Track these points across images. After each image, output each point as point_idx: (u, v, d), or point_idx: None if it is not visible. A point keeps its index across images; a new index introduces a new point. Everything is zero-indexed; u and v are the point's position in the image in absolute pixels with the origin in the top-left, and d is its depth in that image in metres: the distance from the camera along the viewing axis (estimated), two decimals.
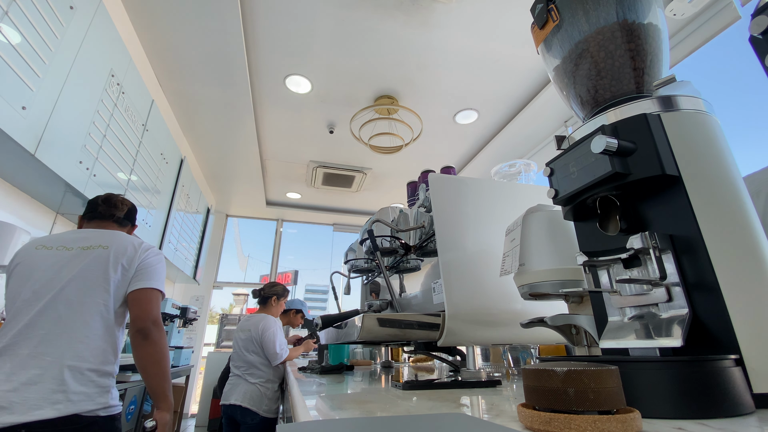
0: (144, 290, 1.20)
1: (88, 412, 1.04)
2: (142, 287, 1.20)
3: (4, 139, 1.39)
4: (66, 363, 1.04)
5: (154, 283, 1.23)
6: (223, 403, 2.26)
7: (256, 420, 2.18)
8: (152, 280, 1.23)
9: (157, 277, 1.26)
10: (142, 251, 1.26)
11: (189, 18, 2.28)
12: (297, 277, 6.70)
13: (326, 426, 0.48)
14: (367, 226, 1.45)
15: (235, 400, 2.20)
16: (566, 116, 3.11)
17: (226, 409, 2.24)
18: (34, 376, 1.01)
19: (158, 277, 1.26)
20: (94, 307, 1.13)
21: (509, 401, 0.72)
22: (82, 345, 1.09)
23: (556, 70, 0.87)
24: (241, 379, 2.27)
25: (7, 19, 1.34)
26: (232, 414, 2.21)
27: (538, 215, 0.90)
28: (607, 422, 0.39)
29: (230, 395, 2.24)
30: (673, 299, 0.59)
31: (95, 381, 1.08)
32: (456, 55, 2.61)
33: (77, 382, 1.05)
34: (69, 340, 1.07)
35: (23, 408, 0.97)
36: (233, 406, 2.19)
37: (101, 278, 1.16)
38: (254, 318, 2.42)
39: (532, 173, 1.51)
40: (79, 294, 1.12)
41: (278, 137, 3.66)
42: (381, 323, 0.97)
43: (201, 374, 5.03)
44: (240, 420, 2.20)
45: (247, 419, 2.17)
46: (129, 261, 1.22)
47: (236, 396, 2.21)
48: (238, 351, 2.35)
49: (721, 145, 0.64)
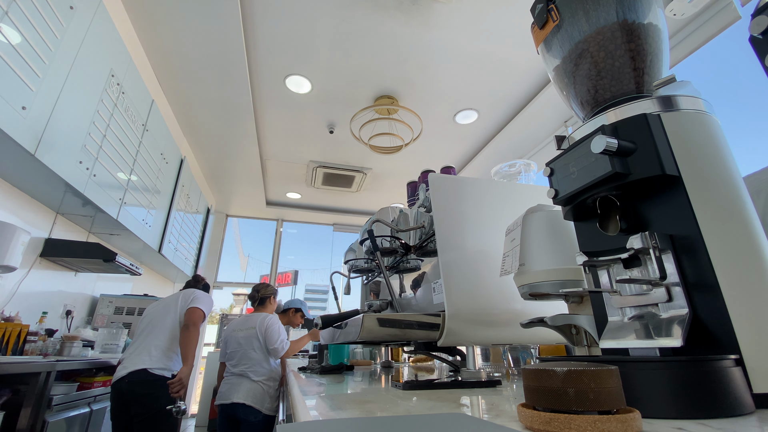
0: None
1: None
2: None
3: (4, 139, 1.39)
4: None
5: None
6: (222, 403, 2.24)
7: (259, 418, 2.18)
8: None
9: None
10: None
11: (189, 18, 2.28)
12: (297, 277, 6.69)
13: (326, 426, 0.48)
14: (367, 226, 1.45)
15: (237, 398, 2.19)
16: (566, 116, 3.11)
17: (225, 409, 2.23)
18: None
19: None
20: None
21: (509, 401, 0.72)
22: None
23: (556, 70, 0.87)
24: (243, 378, 2.26)
25: (7, 19, 1.34)
26: (233, 413, 2.20)
27: (538, 215, 0.90)
28: (607, 422, 0.39)
29: (230, 394, 2.22)
30: (673, 299, 0.59)
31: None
32: (456, 55, 2.61)
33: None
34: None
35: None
36: (235, 405, 2.18)
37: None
38: (255, 316, 2.43)
39: (532, 173, 1.51)
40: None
41: (278, 137, 3.66)
42: (381, 323, 0.97)
43: (201, 374, 5.03)
44: (242, 418, 2.19)
45: (250, 417, 2.17)
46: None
47: (239, 394, 2.20)
48: (239, 349, 2.34)
49: (721, 145, 0.64)
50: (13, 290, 1.93)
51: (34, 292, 2.09)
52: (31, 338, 1.86)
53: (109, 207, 2.12)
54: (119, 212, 2.23)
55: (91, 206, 2.03)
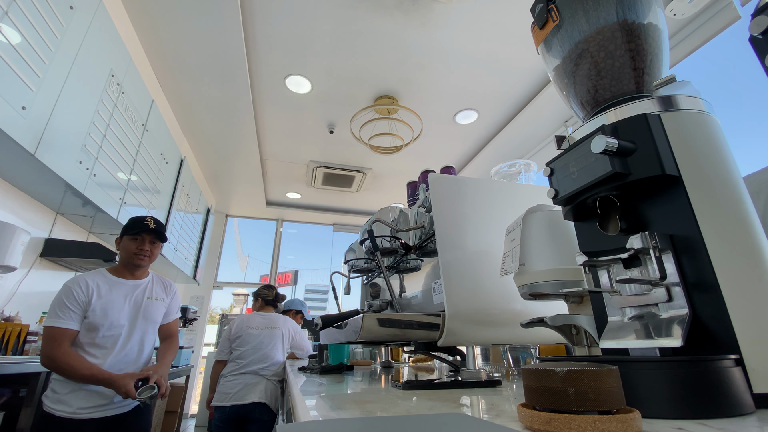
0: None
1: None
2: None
3: (4, 139, 1.38)
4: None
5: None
6: (236, 404, 2.13)
7: (272, 417, 2.18)
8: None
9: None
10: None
11: (189, 18, 2.28)
12: (297, 277, 6.69)
13: (326, 426, 0.48)
14: (367, 226, 1.45)
15: (254, 398, 2.14)
16: (566, 116, 3.11)
17: (238, 410, 2.13)
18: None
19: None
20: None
21: (509, 401, 0.72)
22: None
23: (556, 70, 0.87)
24: (259, 377, 2.22)
25: (7, 19, 1.34)
26: (247, 413, 2.14)
27: (538, 215, 0.90)
28: (607, 422, 0.39)
29: (247, 394, 2.15)
30: (673, 299, 0.59)
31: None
32: (456, 55, 2.61)
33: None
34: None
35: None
36: (252, 405, 2.13)
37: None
38: (274, 316, 2.45)
39: (532, 173, 1.51)
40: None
41: (278, 137, 3.66)
42: (381, 323, 0.97)
43: (201, 374, 5.03)
44: (257, 418, 2.14)
45: (265, 416, 2.15)
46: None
47: (256, 394, 2.16)
48: (259, 348, 2.28)
49: (721, 145, 0.64)
50: (13, 290, 1.92)
51: (34, 292, 2.09)
52: (31, 338, 1.86)
53: (109, 207, 2.12)
54: (119, 212, 2.23)
55: (91, 206, 2.03)
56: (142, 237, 1.61)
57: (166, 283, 1.77)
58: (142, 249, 1.59)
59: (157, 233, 1.63)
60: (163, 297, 1.70)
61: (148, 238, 1.62)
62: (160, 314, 1.67)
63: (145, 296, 1.62)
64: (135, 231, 1.59)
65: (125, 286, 1.59)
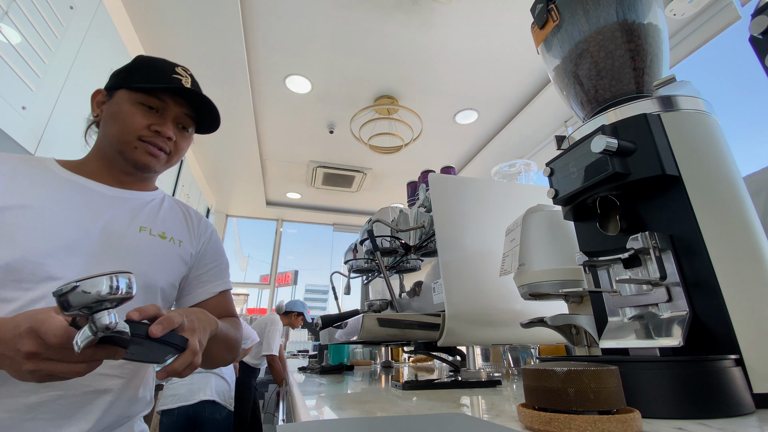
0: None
1: None
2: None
3: (4, 139, 1.38)
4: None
5: None
6: (183, 405, 2.04)
7: (224, 414, 2.14)
8: None
9: None
10: None
11: (189, 18, 2.28)
12: (297, 277, 6.69)
13: (326, 426, 0.48)
14: (367, 226, 1.45)
15: (205, 395, 2.10)
16: (566, 116, 3.11)
17: (186, 410, 2.04)
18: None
19: None
20: None
21: (509, 401, 0.72)
22: None
23: (556, 70, 0.87)
24: (207, 373, 2.20)
25: (7, 19, 1.34)
26: (197, 413, 2.07)
27: (538, 215, 0.90)
28: (607, 422, 0.39)
29: (196, 392, 2.09)
30: (673, 299, 0.59)
31: None
32: (456, 55, 2.61)
33: None
34: None
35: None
36: (202, 403, 2.07)
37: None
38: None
39: (532, 173, 1.51)
40: None
41: (278, 137, 3.66)
42: (381, 323, 0.97)
43: None
44: (207, 417, 2.07)
45: (216, 415, 2.10)
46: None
47: (207, 391, 2.11)
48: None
49: (721, 145, 0.64)
50: None
51: None
52: None
53: None
54: None
55: None
56: (166, 104, 0.79)
57: (190, 213, 0.89)
58: (159, 131, 0.77)
59: (197, 103, 0.84)
60: (183, 238, 0.82)
61: (178, 111, 0.80)
62: (168, 269, 0.76)
63: (136, 224, 0.75)
64: (151, 85, 0.77)
65: (95, 195, 0.74)
